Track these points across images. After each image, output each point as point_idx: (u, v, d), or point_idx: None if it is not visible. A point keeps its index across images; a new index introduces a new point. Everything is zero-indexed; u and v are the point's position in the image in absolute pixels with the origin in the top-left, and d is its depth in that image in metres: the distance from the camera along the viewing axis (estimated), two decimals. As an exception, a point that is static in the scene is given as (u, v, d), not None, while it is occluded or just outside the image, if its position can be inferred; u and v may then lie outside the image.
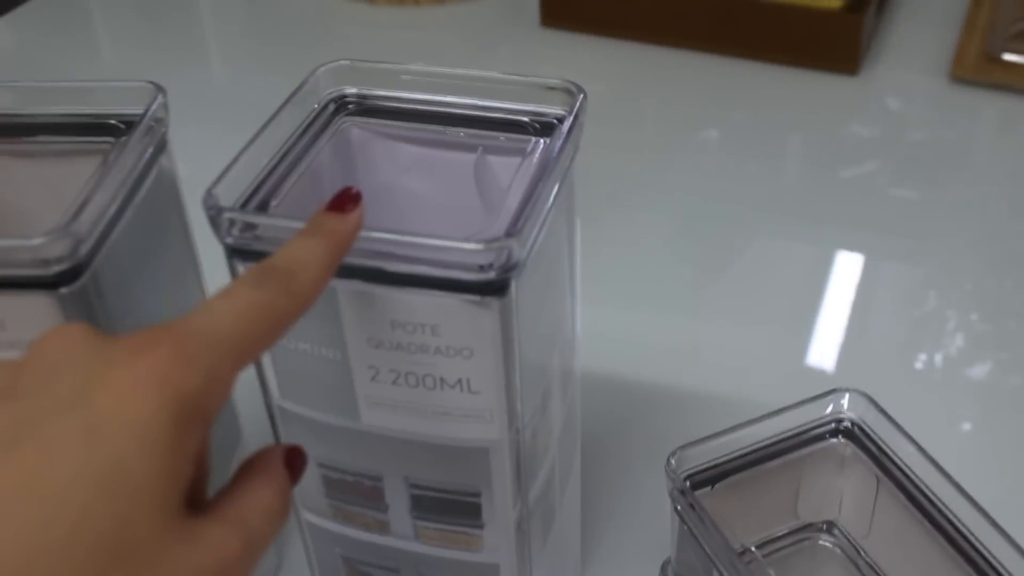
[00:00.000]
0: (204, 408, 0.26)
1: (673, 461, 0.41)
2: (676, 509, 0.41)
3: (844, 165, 0.82)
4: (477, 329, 0.34)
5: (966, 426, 0.60)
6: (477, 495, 0.38)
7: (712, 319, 0.69)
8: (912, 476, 0.42)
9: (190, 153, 0.49)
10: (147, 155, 0.40)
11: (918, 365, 0.65)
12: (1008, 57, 0.86)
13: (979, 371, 0.65)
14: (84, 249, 0.35)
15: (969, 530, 0.40)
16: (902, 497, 0.42)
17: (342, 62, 0.42)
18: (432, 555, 0.41)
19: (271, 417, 0.39)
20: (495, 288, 0.33)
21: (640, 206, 0.78)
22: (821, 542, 0.46)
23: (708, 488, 0.42)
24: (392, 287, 0.34)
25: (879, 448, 0.43)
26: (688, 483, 0.41)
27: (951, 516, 0.41)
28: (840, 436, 0.44)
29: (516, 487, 0.38)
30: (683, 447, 0.42)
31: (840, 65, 0.89)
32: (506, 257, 0.33)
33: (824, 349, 0.66)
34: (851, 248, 0.75)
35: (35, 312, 0.35)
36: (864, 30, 0.88)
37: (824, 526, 0.46)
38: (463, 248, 0.33)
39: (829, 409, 0.44)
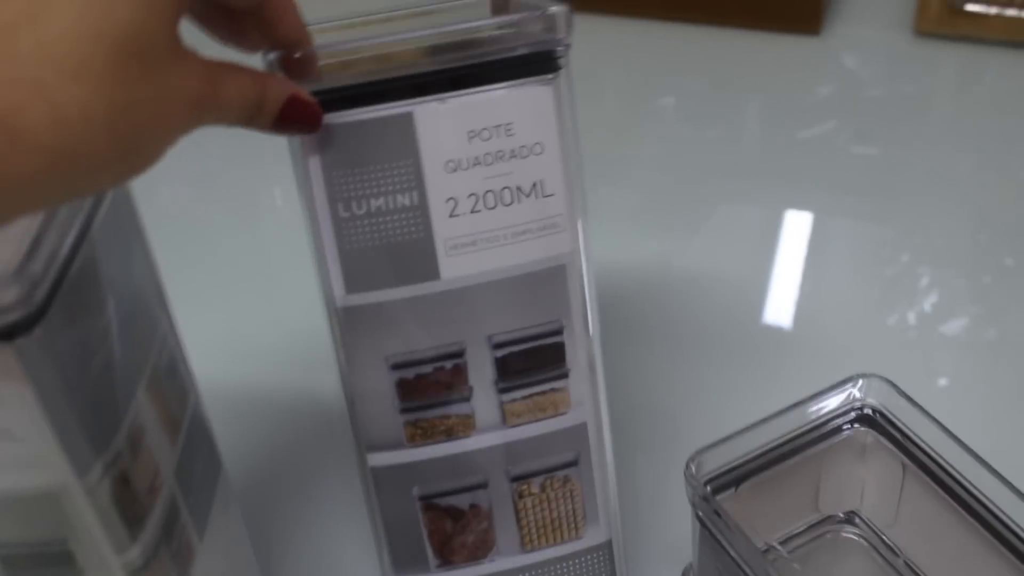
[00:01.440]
0: None
1: (693, 467, 0.39)
2: (698, 515, 0.39)
3: (810, 126, 0.80)
4: (546, 113, 0.37)
5: (943, 381, 0.59)
6: (559, 331, 0.39)
7: (680, 289, 0.67)
8: (940, 461, 0.40)
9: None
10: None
11: (892, 322, 0.63)
12: (971, 7, 0.84)
13: (954, 326, 0.64)
14: (40, 293, 0.32)
15: (1006, 514, 0.38)
16: (930, 483, 0.40)
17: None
18: (521, 442, 0.40)
19: (333, 330, 0.39)
20: (554, 60, 0.36)
21: (602, 180, 0.76)
22: (844, 534, 0.44)
23: (731, 491, 0.40)
24: (467, 91, 0.36)
25: (903, 434, 0.41)
26: (709, 488, 0.39)
27: (985, 500, 0.39)
28: (860, 424, 0.42)
29: (589, 312, 0.39)
30: (701, 451, 0.39)
31: (802, 25, 0.87)
32: (565, 24, 0.36)
33: (797, 311, 0.65)
34: (819, 210, 0.73)
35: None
36: (825, -12, 0.86)
37: (846, 517, 0.44)
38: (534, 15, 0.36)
39: (847, 397, 0.42)
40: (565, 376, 0.40)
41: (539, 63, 0.37)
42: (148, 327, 0.40)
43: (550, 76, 0.37)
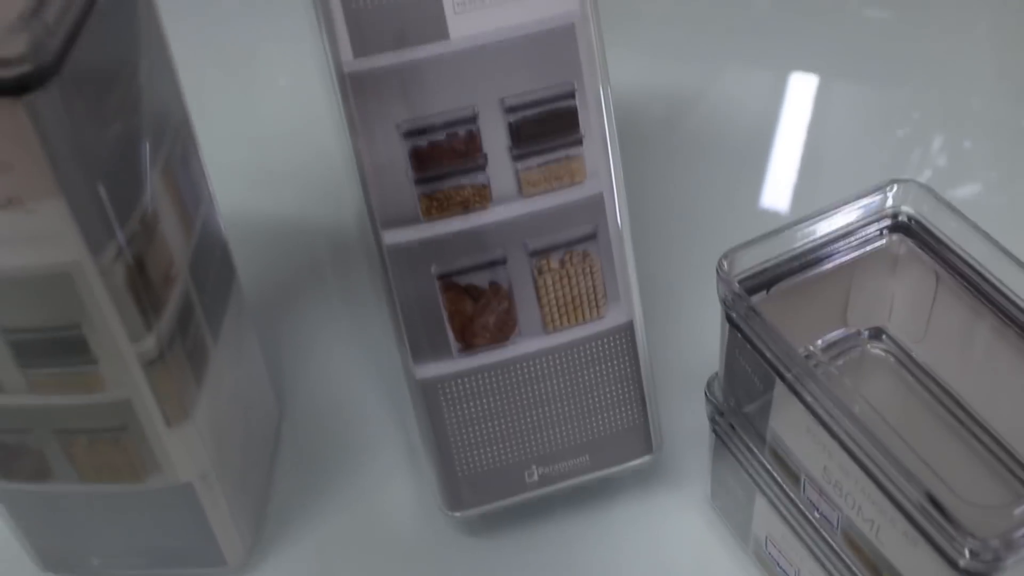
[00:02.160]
0: None
1: (725, 264, 0.38)
2: (730, 316, 0.38)
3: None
4: None
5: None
6: (571, 95, 0.38)
7: (688, 155, 0.65)
8: (978, 267, 0.39)
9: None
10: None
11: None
12: None
13: (967, 191, 0.63)
14: (54, 44, 0.30)
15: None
16: (965, 292, 0.39)
17: None
18: (538, 214, 0.40)
19: (343, 99, 0.37)
20: None
21: (609, 41, 0.74)
22: (870, 349, 0.43)
23: (763, 294, 0.39)
24: None
25: (938, 241, 0.40)
26: (742, 287, 0.38)
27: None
28: (894, 232, 0.41)
29: (600, 77, 0.39)
30: (733, 250, 0.38)
31: None
32: None
33: (804, 176, 0.64)
34: (828, 70, 0.72)
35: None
36: None
37: (873, 333, 0.43)
38: None
39: (881, 202, 0.41)
40: (579, 143, 0.39)
41: None
42: (163, 112, 0.38)
43: None
